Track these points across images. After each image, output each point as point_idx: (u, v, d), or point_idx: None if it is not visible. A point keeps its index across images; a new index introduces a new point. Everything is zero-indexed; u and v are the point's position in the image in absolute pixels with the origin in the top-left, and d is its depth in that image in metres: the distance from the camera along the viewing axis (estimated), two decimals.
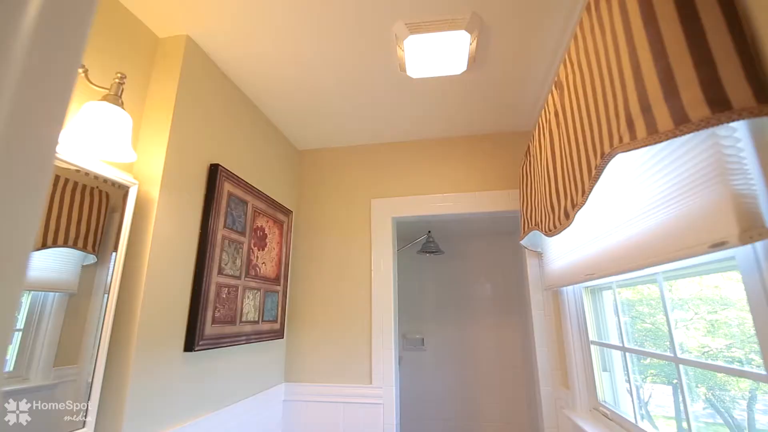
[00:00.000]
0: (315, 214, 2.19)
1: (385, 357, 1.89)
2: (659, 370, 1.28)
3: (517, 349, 2.69)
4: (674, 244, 0.72)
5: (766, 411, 0.89)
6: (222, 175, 1.46)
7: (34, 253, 0.90)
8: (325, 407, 1.89)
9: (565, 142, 1.08)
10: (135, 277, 1.11)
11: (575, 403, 1.53)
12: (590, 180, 0.91)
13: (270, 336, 1.78)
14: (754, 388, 0.93)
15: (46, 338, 0.94)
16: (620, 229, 0.96)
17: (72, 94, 0.30)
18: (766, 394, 0.89)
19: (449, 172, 2.10)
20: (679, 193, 0.72)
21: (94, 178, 1.04)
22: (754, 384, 0.93)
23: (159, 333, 1.16)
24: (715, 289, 0.97)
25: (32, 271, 0.91)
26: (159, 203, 1.18)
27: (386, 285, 1.99)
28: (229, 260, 1.49)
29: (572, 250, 1.32)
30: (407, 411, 2.69)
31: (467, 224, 2.75)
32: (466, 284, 2.91)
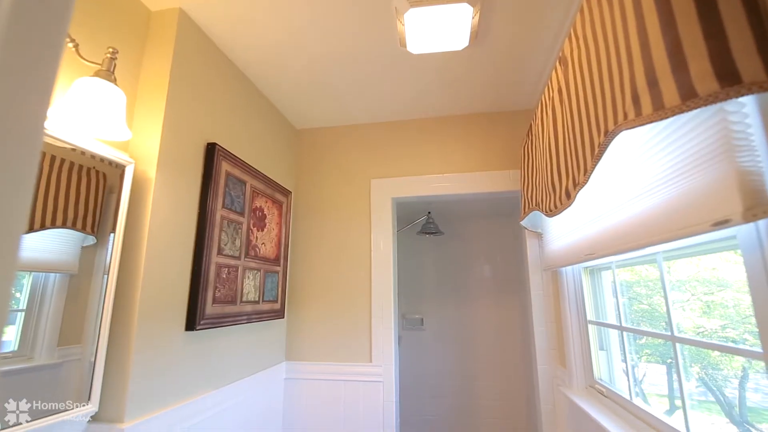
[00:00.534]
0: (314, 194, 2.18)
1: (385, 336, 1.92)
2: (654, 350, 1.31)
3: (515, 330, 2.73)
4: (676, 222, 0.71)
5: (757, 389, 0.91)
6: (219, 154, 1.44)
7: (33, 234, 0.90)
8: (326, 385, 1.93)
9: (568, 120, 1.06)
10: (134, 258, 1.11)
11: (572, 381, 1.55)
12: (593, 158, 0.89)
13: (271, 316, 1.80)
14: (747, 367, 0.95)
15: (48, 318, 0.95)
16: (621, 208, 0.96)
17: (59, 63, 0.29)
18: (758, 373, 0.91)
19: (449, 152, 2.08)
20: (683, 170, 0.71)
21: (90, 158, 1.03)
22: (746, 363, 0.95)
23: (160, 313, 1.17)
24: (712, 271, 0.98)
25: (32, 252, 0.91)
26: (156, 183, 1.17)
27: (386, 266, 2.00)
28: (229, 240, 1.49)
29: (572, 230, 1.32)
30: (406, 389, 2.75)
31: (467, 205, 2.74)
32: (466, 265, 2.92)
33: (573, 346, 1.57)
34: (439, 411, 2.72)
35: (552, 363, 1.79)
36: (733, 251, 0.89)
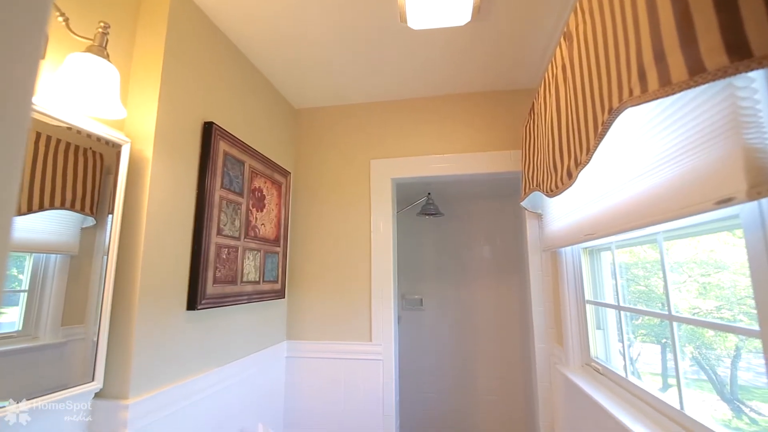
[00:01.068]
0: (314, 175, 2.17)
1: (385, 316, 1.95)
2: (649, 330, 1.33)
3: (513, 310, 2.77)
4: (679, 201, 0.71)
5: (749, 368, 0.93)
6: (217, 133, 1.43)
7: (32, 215, 0.90)
8: (327, 363, 1.97)
9: (572, 98, 1.04)
10: (133, 238, 1.11)
11: (568, 359, 1.58)
12: (596, 137, 0.88)
13: (271, 296, 1.82)
14: (740, 347, 0.96)
15: (51, 299, 0.96)
16: (623, 187, 0.95)
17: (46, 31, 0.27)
18: (750, 353, 0.93)
19: (450, 132, 2.05)
20: (688, 148, 0.70)
21: (86, 137, 1.02)
22: (740, 343, 0.97)
23: (161, 293, 1.18)
24: (710, 253, 0.98)
25: (31, 234, 0.91)
26: (153, 162, 1.16)
27: (386, 246, 2.00)
28: (228, 221, 1.49)
29: (573, 210, 1.32)
30: (406, 367, 2.81)
31: (467, 186, 2.73)
32: (466, 246, 2.93)
33: (570, 325, 1.59)
34: (438, 388, 2.79)
35: (549, 342, 1.82)
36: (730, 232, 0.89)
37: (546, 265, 1.86)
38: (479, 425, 2.69)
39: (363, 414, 1.89)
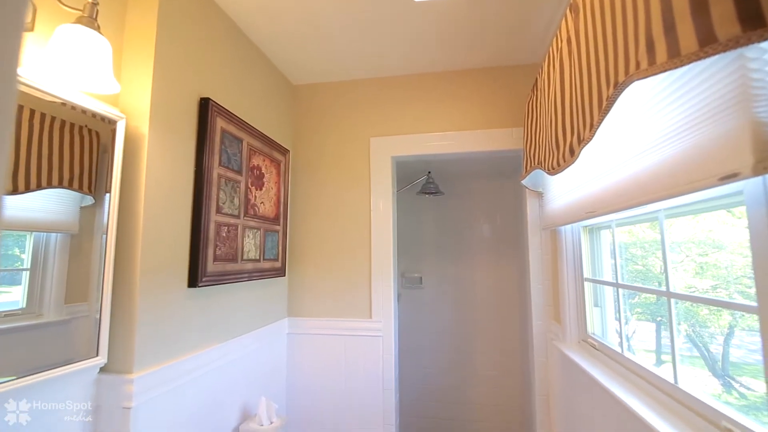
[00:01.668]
0: (313, 153, 2.15)
1: (385, 293, 1.97)
2: (645, 309, 1.35)
3: (512, 288, 2.80)
4: (682, 177, 0.70)
5: (741, 346, 0.95)
6: (214, 109, 1.40)
7: (30, 194, 0.90)
8: (328, 339, 2.01)
9: (576, 72, 1.02)
10: (132, 217, 1.11)
11: (565, 336, 1.61)
12: (600, 113, 0.86)
13: (272, 274, 1.84)
14: (733, 325, 0.98)
15: (53, 277, 0.97)
16: (626, 164, 0.94)
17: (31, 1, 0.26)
18: (743, 331, 0.94)
19: (451, 109, 2.02)
20: (693, 123, 0.69)
21: (81, 113, 1.01)
22: (733, 322, 0.98)
23: (162, 270, 1.19)
24: (708, 233, 0.98)
25: (30, 212, 0.91)
26: (150, 139, 1.14)
27: (385, 225, 2.01)
28: (227, 199, 1.49)
29: (574, 188, 1.31)
30: (406, 343, 2.87)
31: (468, 165, 2.71)
32: (465, 225, 2.94)
33: (568, 302, 1.61)
34: (437, 364, 2.85)
35: (547, 319, 1.84)
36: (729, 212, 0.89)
37: (545, 244, 1.87)
38: (477, 399, 2.77)
39: (363, 388, 1.94)
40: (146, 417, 1.09)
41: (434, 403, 2.82)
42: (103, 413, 1.04)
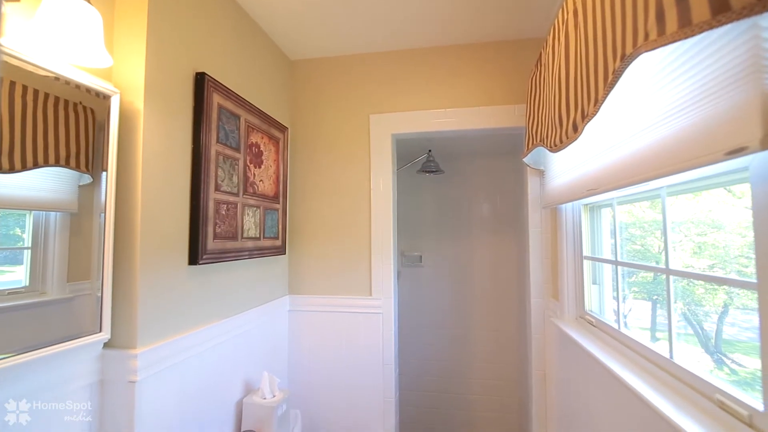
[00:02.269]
0: (312, 130, 2.12)
1: (385, 271, 1.99)
2: (642, 288, 1.36)
3: (511, 267, 2.82)
4: (687, 153, 0.69)
5: (734, 324, 0.97)
6: (210, 85, 1.37)
7: (27, 172, 0.90)
8: (329, 316, 2.03)
9: (582, 45, 0.99)
10: (130, 195, 1.11)
11: (563, 313, 1.63)
12: (605, 87, 0.84)
13: (272, 252, 1.85)
14: (728, 303, 0.99)
15: (55, 256, 0.98)
16: (629, 141, 0.92)
17: None
18: (738, 309, 0.96)
19: (453, 85, 1.97)
20: (701, 97, 0.67)
21: (75, 89, 0.99)
22: (728, 300, 0.99)
23: (162, 248, 1.19)
24: (708, 213, 0.98)
25: (28, 191, 0.91)
26: (145, 115, 1.12)
27: (385, 203, 2.00)
28: (226, 177, 1.48)
29: (576, 165, 1.30)
30: (405, 320, 2.91)
31: (469, 143, 2.67)
32: (466, 204, 2.93)
33: (567, 280, 1.62)
34: (436, 340, 2.91)
35: (545, 296, 1.87)
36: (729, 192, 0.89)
37: (545, 222, 1.87)
38: (475, 374, 2.85)
39: (364, 364, 1.98)
40: (151, 390, 1.12)
41: (433, 378, 2.90)
42: (109, 387, 1.07)
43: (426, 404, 2.88)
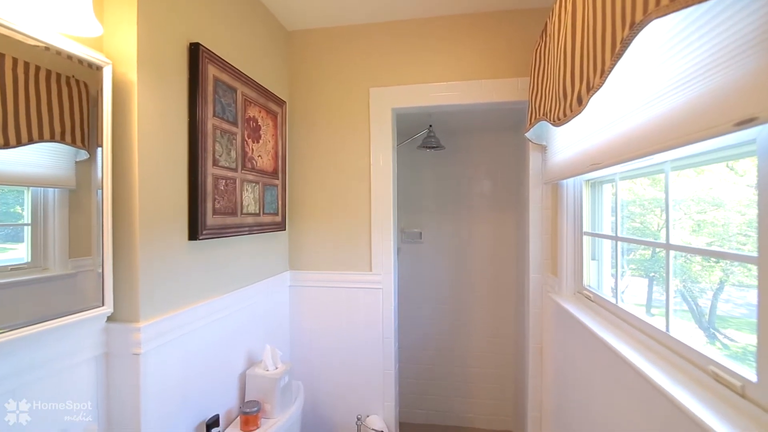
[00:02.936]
0: (310, 105, 2.08)
1: (384, 247, 2.00)
2: (639, 265, 1.37)
3: (510, 243, 2.83)
4: (695, 124, 0.67)
5: (728, 300, 0.98)
6: (205, 56, 1.34)
7: (22, 148, 0.89)
8: (329, 291, 2.06)
9: (590, 14, 0.95)
10: (127, 170, 1.09)
11: (561, 288, 1.65)
12: (612, 57, 0.82)
13: (272, 228, 1.85)
14: (724, 280, 1.00)
15: (55, 232, 0.98)
16: (634, 114, 0.90)
17: None
18: (733, 286, 0.97)
19: (455, 57, 1.92)
20: (712, 66, 0.65)
21: (67, 59, 0.96)
22: (724, 277, 1.00)
23: (161, 224, 1.19)
24: (709, 190, 0.97)
25: (24, 167, 0.91)
26: (139, 87, 1.10)
27: (385, 179, 1.99)
28: (224, 152, 1.46)
29: (579, 140, 1.28)
30: (405, 295, 2.95)
31: (470, 118, 2.63)
32: (466, 180, 2.91)
33: (566, 255, 1.63)
34: (435, 314, 2.95)
35: (543, 272, 1.88)
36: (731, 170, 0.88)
37: (546, 198, 1.86)
38: (472, 346, 2.91)
39: (364, 338, 2.02)
40: (156, 362, 1.14)
41: (432, 351, 2.97)
42: (114, 359, 1.09)
43: (425, 376, 2.97)
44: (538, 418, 1.91)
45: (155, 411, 1.15)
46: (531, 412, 1.93)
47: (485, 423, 2.88)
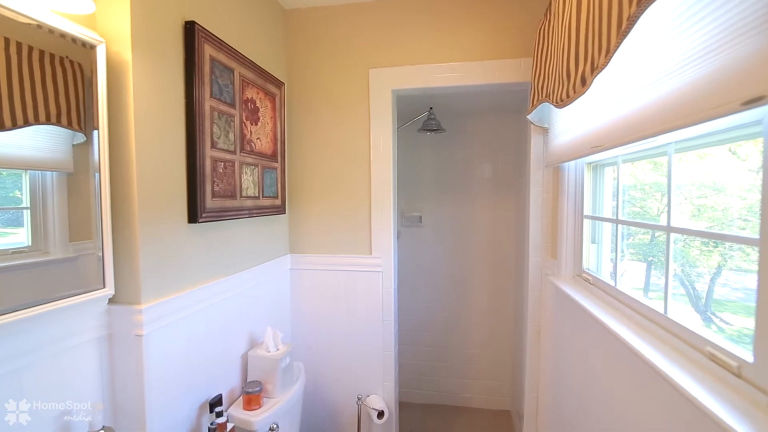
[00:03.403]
0: (309, 86, 2.04)
1: (384, 230, 2.00)
2: (638, 249, 1.38)
3: (510, 227, 2.83)
4: (701, 104, 0.66)
5: (726, 284, 0.99)
6: (200, 35, 1.31)
7: (17, 130, 0.88)
8: (329, 274, 2.07)
9: None
10: (124, 153, 1.09)
11: (560, 271, 1.66)
12: (618, 35, 0.80)
13: (272, 211, 1.85)
14: (722, 265, 1.01)
15: (55, 216, 0.98)
16: (638, 94, 0.89)
17: None
18: (731, 271, 0.97)
19: (456, 36, 1.88)
20: (721, 43, 0.63)
21: (60, 38, 0.94)
22: (722, 262, 1.01)
23: (161, 207, 1.19)
24: (710, 175, 0.96)
25: (20, 150, 0.90)
26: (134, 67, 1.07)
27: (385, 162, 1.97)
28: (222, 134, 1.45)
29: (581, 122, 1.26)
30: (405, 278, 2.97)
31: (471, 100, 2.59)
32: (466, 163, 2.89)
33: (566, 238, 1.63)
34: (435, 297, 2.98)
35: (543, 255, 1.89)
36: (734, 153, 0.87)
37: (547, 182, 1.85)
38: (471, 329, 2.95)
39: (364, 320, 2.04)
40: (158, 343, 1.16)
41: (432, 334, 3.00)
42: (117, 340, 1.11)
43: (425, 357, 3.02)
44: (536, 399, 1.95)
45: (159, 390, 1.17)
46: (528, 393, 1.97)
47: (483, 403, 2.94)
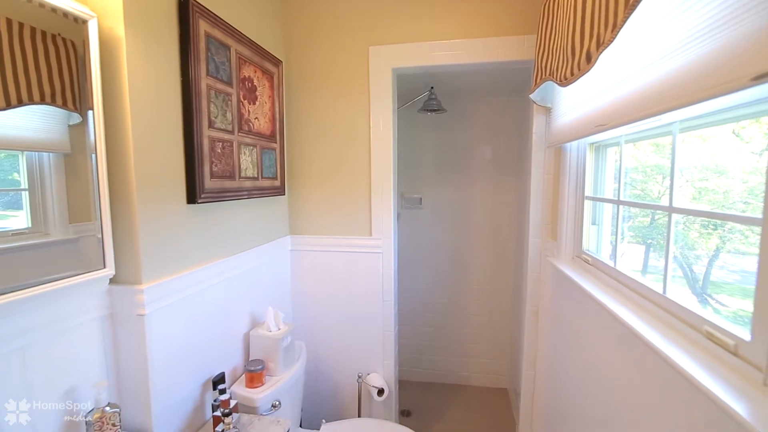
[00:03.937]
0: (307, 64, 2.00)
1: (384, 212, 1.99)
2: (637, 232, 1.38)
3: (510, 209, 2.82)
4: (709, 80, 0.64)
5: (723, 267, 0.99)
6: (195, 9, 1.27)
7: (10, 111, 0.87)
8: (330, 255, 2.08)
9: None
10: (121, 133, 1.07)
11: (560, 252, 1.66)
12: (626, 10, 0.77)
13: (271, 192, 1.85)
14: (720, 247, 1.01)
15: (54, 197, 0.98)
16: (644, 71, 0.87)
17: None
18: (729, 253, 0.97)
19: (458, 12, 1.83)
20: (730, 18, 0.61)
21: (51, 12, 0.92)
22: (720, 244, 1.01)
23: (159, 187, 1.18)
24: (712, 157, 0.95)
25: (15, 131, 0.89)
26: (128, 44, 1.05)
27: (385, 143, 1.95)
28: (219, 113, 1.43)
29: (585, 101, 1.24)
30: (405, 260, 2.98)
31: (473, 80, 2.53)
32: (468, 144, 2.86)
33: (566, 220, 1.62)
34: (435, 278, 3.00)
35: (543, 236, 1.89)
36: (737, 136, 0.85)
37: (549, 162, 1.84)
38: (470, 309, 2.98)
39: (364, 301, 2.06)
40: (160, 323, 1.17)
41: (431, 313, 3.04)
42: (119, 320, 1.12)
43: (424, 337, 3.06)
44: (532, 377, 1.99)
45: (162, 368, 1.19)
46: (525, 371, 2.00)
47: (481, 381, 3.01)
